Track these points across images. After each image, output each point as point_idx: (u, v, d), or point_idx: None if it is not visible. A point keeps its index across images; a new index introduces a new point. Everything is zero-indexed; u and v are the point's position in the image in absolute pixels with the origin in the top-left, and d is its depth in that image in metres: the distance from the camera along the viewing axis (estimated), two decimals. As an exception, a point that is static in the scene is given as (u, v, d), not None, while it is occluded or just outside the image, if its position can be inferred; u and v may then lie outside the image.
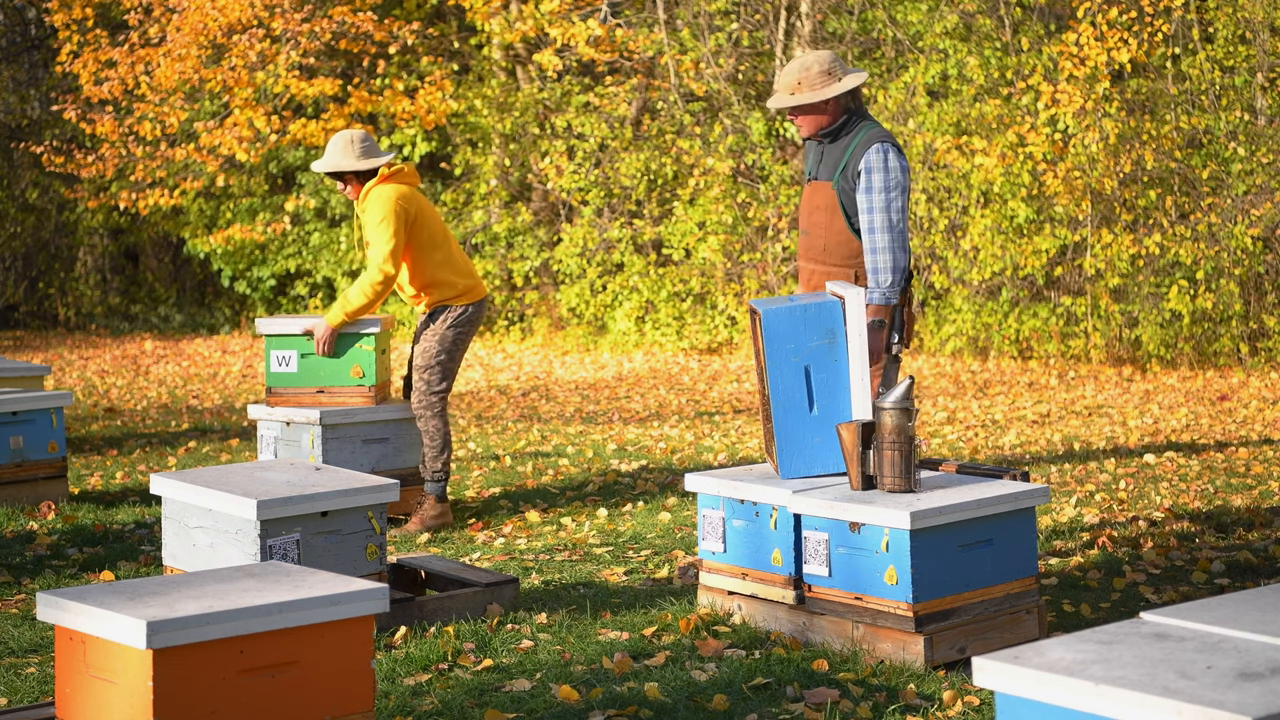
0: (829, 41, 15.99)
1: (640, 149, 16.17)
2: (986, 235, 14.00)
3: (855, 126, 5.74)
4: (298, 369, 7.10)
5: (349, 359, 7.10)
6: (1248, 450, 8.94)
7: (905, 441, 4.92)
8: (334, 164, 7.00)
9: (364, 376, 7.11)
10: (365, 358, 7.11)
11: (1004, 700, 2.87)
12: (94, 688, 3.64)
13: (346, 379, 7.11)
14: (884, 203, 5.62)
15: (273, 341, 7.12)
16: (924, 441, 9.25)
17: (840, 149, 5.73)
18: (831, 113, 5.73)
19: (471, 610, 5.44)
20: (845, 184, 5.70)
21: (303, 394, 7.13)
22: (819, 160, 5.81)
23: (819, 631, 5.02)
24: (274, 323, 7.26)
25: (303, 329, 7.12)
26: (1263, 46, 13.50)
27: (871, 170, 5.63)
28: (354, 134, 7.03)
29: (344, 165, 6.99)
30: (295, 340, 7.11)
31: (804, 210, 5.86)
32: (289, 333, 7.10)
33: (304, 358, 7.10)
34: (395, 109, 16.92)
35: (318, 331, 7.05)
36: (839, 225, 5.73)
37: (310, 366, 7.11)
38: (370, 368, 7.11)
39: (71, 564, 6.35)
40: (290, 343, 7.11)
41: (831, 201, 5.73)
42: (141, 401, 12.36)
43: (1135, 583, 5.86)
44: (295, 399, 7.13)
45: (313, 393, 7.12)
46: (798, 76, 5.71)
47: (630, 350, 15.72)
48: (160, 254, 20.93)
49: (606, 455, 9.23)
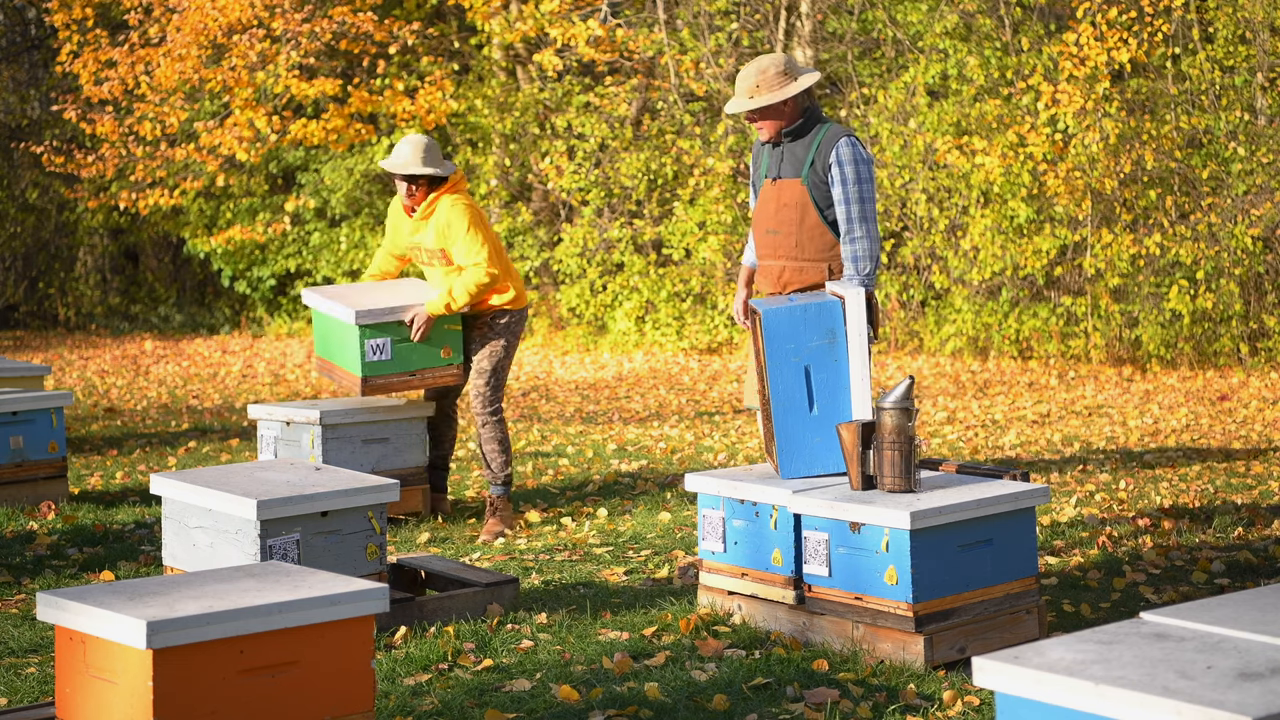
0: (829, 41, 15.99)
1: (640, 149, 16.17)
2: (987, 235, 14.00)
3: (814, 123, 5.84)
4: (392, 355, 7.05)
5: (438, 340, 7.12)
6: (1248, 450, 8.94)
7: (905, 441, 4.92)
8: (415, 167, 7.01)
9: (453, 356, 7.17)
10: (453, 338, 7.16)
11: (1004, 700, 2.87)
12: (94, 688, 3.64)
13: (438, 360, 7.14)
14: (859, 194, 5.72)
15: (366, 332, 6.99)
16: (924, 441, 9.25)
17: (804, 146, 5.81)
18: (790, 112, 5.81)
19: (471, 610, 5.44)
20: (815, 178, 5.78)
21: (396, 381, 7.07)
22: (780, 160, 5.88)
23: (819, 631, 5.02)
24: (327, 301, 7.13)
25: (400, 318, 7.05)
26: (1263, 46, 13.50)
27: (844, 163, 5.73)
28: (428, 140, 7.07)
29: (424, 170, 7.01)
30: (389, 328, 7.03)
31: (768, 210, 5.91)
32: (385, 321, 7.02)
33: (397, 344, 7.06)
34: (395, 109, 16.92)
35: (418, 320, 7.03)
36: (811, 220, 5.79)
37: (403, 352, 7.07)
38: (458, 347, 7.17)
39: (71, 564, 6.35)
40: (384, 330, 7.02)
41: (802, 198, 5.79)
42: (141, 401, 12.36)
43: (1135, 583, 5.86)
44: (391, 386, 7.07)
45: (407, 377, 7.09)
46: (755, 80, 5.78)
47: (630, 350, 15.72)
48: (160, 254, 20.94)
49: (606, 455, 9.23)
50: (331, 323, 7.19)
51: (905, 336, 14.82)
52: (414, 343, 7.07)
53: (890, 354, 14.66)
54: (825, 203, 5.78)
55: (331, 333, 7.22)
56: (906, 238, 15.04)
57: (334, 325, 7.17)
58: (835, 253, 5.78)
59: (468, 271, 7.01)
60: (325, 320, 7.25)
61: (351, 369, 7.08)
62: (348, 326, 7.02)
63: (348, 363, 7.10)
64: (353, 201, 18.11)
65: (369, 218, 18.11)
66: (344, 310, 7.05)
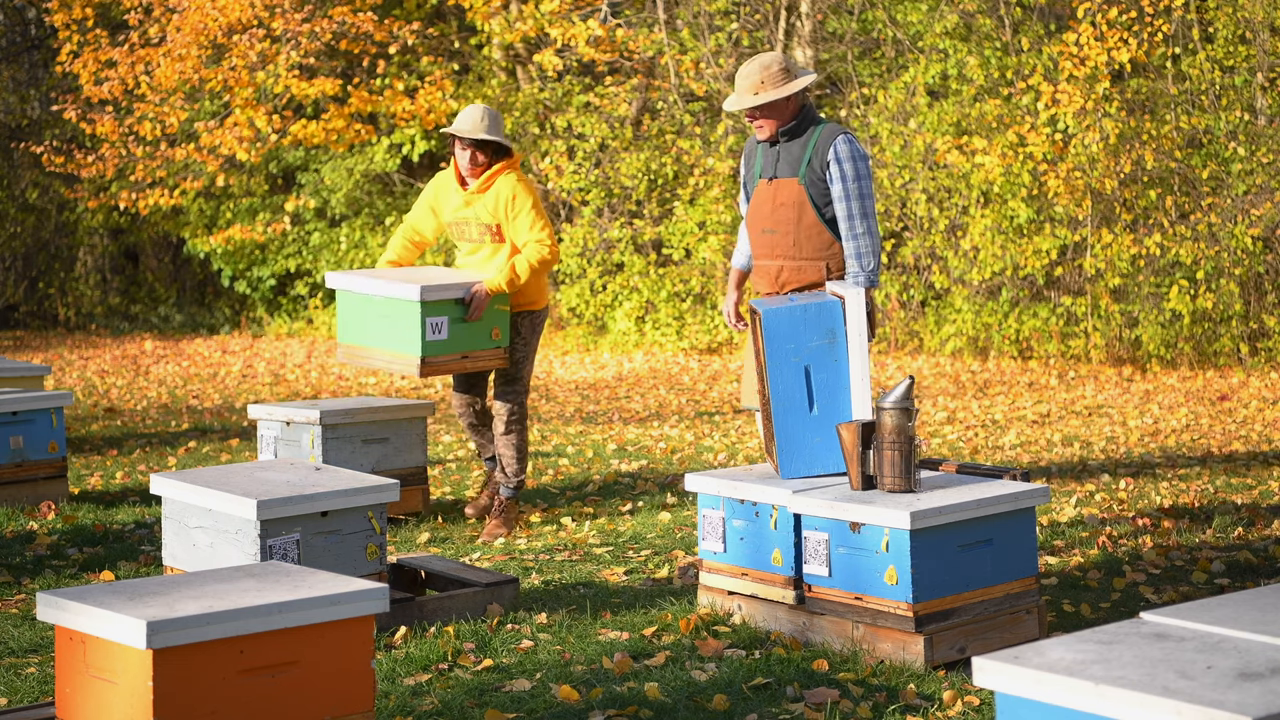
0: (829, 41, 15.99)
1: (640, 149, 16.17)
2: (987, 235, 14.00)
3: (810, 123, 5.85)
4: (448, 335, 6.73)
5: (488, 321, 6.86)
6: (1248, 450, 8.94)
7: (905, 441, 4.92)
8: (483, 133, 6.82)
9: (501, 338, 6.92)
10: (502, 319, 6.91)
11: (1004, 700, 2.87)
12: (94, 688, 3.64)
13: (488, 341, 6.87)
14: (859, 190, 5.74)
15: (427, 308, 6.62)
16: (924, 441, 9.25)
17: (800, 145, 5.82)
18: (790, 111, 5.80)
19: (471, 610, 5.44)
20: (813, 176, 5.78)
21: (450, 362, 6.78)
22: (776, 159, 5.89)
23: (819, 631, 5.02)
24: (370, 281, 6.83)
25: (460, 295, 6.75)
26: (1263, 46, 13.50)
27: (842, 161, 5.74)
28: (495, 111, 6.91)
29: (492, 137, 6.84)
30: (447, 305, 6.70)
31: (764, 210, 5.90)
32: (445, 298, 6.69)
33: (454, 323, 6.74)
34: (395, 109, 16.93)
35: (478, 297, 6.76)
36: (809, 219, 5.80)
37: (458, 332, 6.76)
38: (505, 329, 6.93)
39: (71, 564, 6.35)
40: (443, 309, 6.69)
41: (799, 197, 5.79)
42: (141, 401, 12.35)
43: (1135, 583, 5.86)
44: (445, 367, 6.78)
45: (458, 359, 6.80)
46: (760, 76, 5.77)
47: (630, 350, 15.72)
48: (160, 254, 20.94)
49: (606, 455, 9.23)
50: (375, 303, 6.79)
51: (905, 336, 14.82)
52: (468, 322, 6.78)
53: (890, 354, 14.66)
54: (823, 201, 5.79)
55: (374, 314, 6.81)
56: (906, 238, 15.04)
57: (379, 306, 6.78)
58: (833, 251, 5.79)
59: (530, 247, 6.84)
60: (365, 302, 6.84)
61: (408, 350, 6.73)
62: (407, 304, 6.66)
63: (401, 344, 6.73)
64: (353, 201, 18.11)
65: (369, 218, 18.11)
66: (402, 288, 6.69)
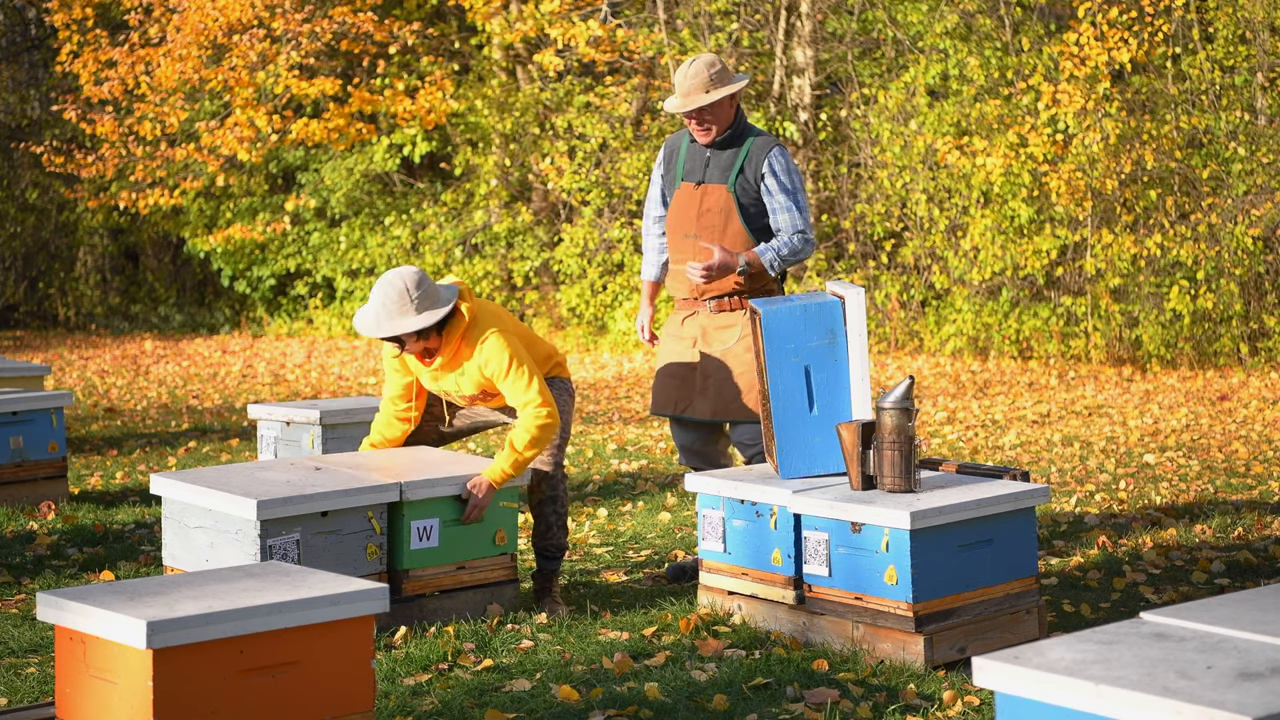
0: (829, 41, 15.99)
1: (640, 149, 16.16)
2: (987, 235, 14.00)
3: (744, 130, 5.86)
4: (439, 542, 5.37)
5: (492, 521, 5.51)
6: (1248, 450, 8.94)
7: (905, 441, 4.92)
8: (390, 327, 5.37)
9: (506, 543, 5.54)
10: (508, 518, 5.55)
11: (1004, 700, 2.87)
12: (94, 688, 3.64)
13: (491, 548, 5.51)
14: (798, 202, 5.80)
15: (413, 510, 5.30)
16: (924, 441, 9.24)
17: (733, 154, 5.83)
18: (730, 115, 5.82)
19: (471, 610, 5.44)
20: (745, 185, 5.79)
21: (439, 574, 5.40)
22: (705, 164, 5.88)
23: (819, 631, 5.02)
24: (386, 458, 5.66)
25: (458, 491, 5.40)
26: (1263, 46, 13.50)
27: (778, 173, 5.80)
28: (404, 279, 5.37)
29: (406, 327, 5.37)
30: (440, 505, 5.36)
31: (688, 214, 5.89)
32: (434, 496, 5.34)
33: (447, 526, 5.40)
34: (395, 109, 16.93)
35: (478, 492, 5.39)
36: (735, 226, 5.82)
37: (452, 538, 5.40)
38: (514, 531, 5.57)
39: (71, 564, 6.35)
40: (434, 509, 5.35)
41: (727, 204, 5.80)
42: (141, 401, 12.35)
43: (1135, 583, 5.86)
44: (431, 582, 5.38)
45: (452, 570, 5.42)
46: (708, 74, 5.75)
47: (630, 350, 15.72)
48: (160, 254, 20.94)
49: (606, 455, 9.23)
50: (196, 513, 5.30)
51: (905, 336, 14.82)
52: (465, 526, 5.43)
53: (890, 354, 14.65)
54: (751, 210, 5.80)
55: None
56: (907, 238, 15.04)
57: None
58: None
59: (525, 416, 5.46)
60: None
61: None
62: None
63: None
64: (353, 201, 18.11)
65: (369, 217, 18.10)
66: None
